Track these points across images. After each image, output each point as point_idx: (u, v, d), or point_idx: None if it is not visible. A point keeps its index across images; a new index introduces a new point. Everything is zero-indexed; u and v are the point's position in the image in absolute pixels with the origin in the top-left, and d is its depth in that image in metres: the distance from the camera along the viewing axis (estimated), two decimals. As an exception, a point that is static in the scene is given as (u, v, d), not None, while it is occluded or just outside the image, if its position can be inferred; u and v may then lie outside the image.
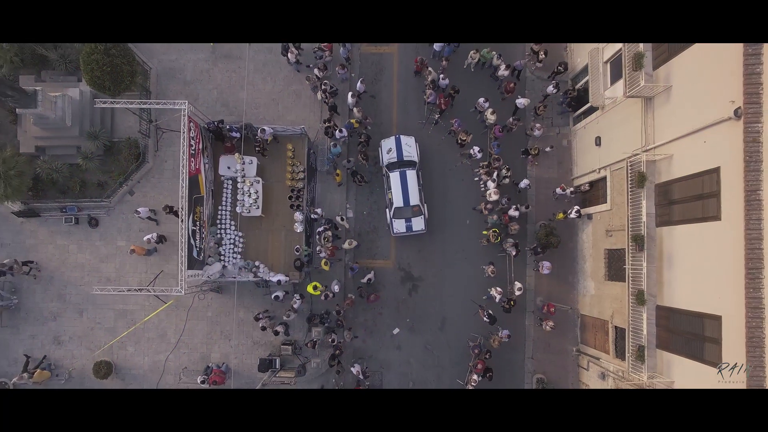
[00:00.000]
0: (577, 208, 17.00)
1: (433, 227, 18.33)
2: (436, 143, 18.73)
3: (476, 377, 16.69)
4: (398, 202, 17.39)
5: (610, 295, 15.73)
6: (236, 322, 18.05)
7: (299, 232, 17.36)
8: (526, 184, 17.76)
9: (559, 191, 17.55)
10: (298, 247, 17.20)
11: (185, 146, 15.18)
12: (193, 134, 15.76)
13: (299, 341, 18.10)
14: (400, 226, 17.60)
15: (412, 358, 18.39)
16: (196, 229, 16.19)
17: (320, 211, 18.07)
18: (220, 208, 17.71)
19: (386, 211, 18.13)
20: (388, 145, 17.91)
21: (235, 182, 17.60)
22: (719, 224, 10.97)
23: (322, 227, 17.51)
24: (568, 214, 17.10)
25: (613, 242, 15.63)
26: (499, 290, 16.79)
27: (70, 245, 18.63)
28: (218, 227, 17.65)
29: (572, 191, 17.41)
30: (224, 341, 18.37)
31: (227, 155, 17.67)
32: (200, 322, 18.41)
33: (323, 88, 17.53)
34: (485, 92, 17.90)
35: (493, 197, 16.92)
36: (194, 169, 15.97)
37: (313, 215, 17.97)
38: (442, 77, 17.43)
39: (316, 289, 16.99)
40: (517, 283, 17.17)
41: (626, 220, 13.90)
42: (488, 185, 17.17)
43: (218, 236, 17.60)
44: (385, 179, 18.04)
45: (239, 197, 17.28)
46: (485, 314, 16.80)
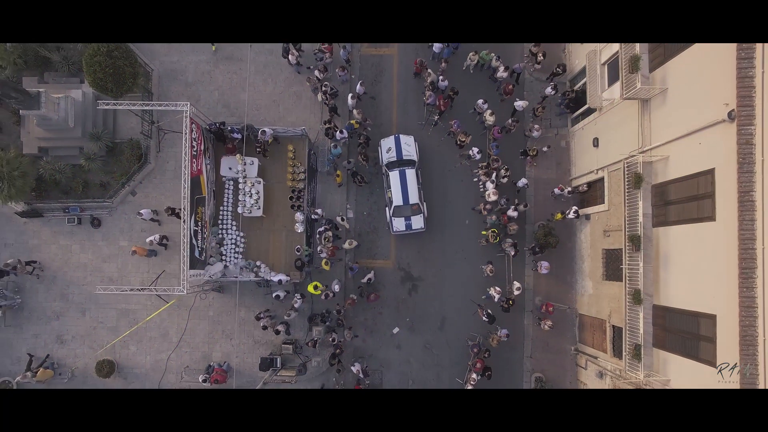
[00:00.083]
0: (575, 208, 17.17)
1: (432, 227, 18.50)
2: (435, 144, 18.89)
3: (475, 376, 16.85)
4: (398, 200, 17.55)
5: (607, 294, 15.88)
6: (237, 321, 18.21)
7: (300, 232, 17.54)
8: (524, 183, 17.92)
9: (557, 191, 17.73)
10: (298, 247, 17.37)
11: (187, 147, 15.34)
12: (194, 135, 15.92)
13: (300, 340, 18.26)
14: (399, 224, 17.77)
15: (411, 357, 18.56)
16: (198, 229, 16.36)
17: (320, 211, 18.24)
18: (221, 208, 17.88)
19: (386, 209, 18.29)
20: (387, 144, 18.07)
21: (236, 183, 17.76)
22: (714, 225, 11.13)
23: (322, 227, 17.69)
24: (566, 214, 17.27)
25: (610, 242, 15.79)
26: (498, 290, 16.95)
27: (72, 245, 18.81)
28: (220, 227, 17.82)
29: (569, 191, 17.58)
30: (226, 340, 18.54)
31: (228, 156, 17.83)
32: (202, 321, 18.58)
33: (323, 89, 17.68)
34: (484, 94, 18.08)
35: (492, 198, 17.09)
36: (196, 170, 16.13)
37: (313, 216, 18.14)
38: (441, 79, 17.60)
39: (316, 288, 17.15)
40: (515, 282, 17.34)
41: (623, 220, 14.04)
42: (487, 186, 17.34)
43: (220, 236, 17.77)
44: (384, 178, 18.20)
45: (240, 198, 17.45)
46: (484, 314, 16.96)
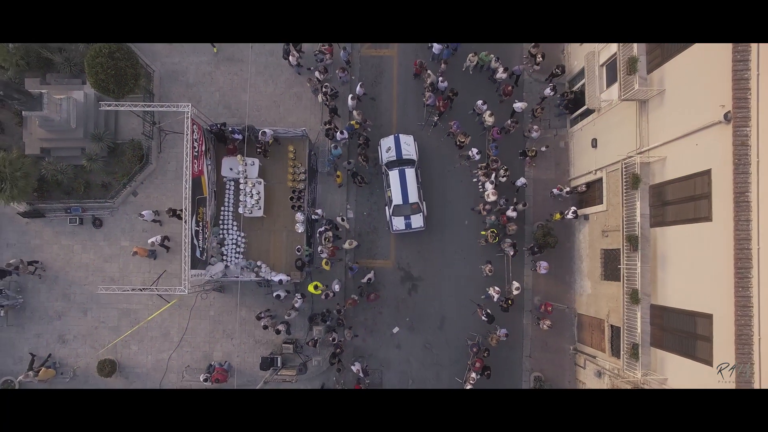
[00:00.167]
0: (573, 208, 17.28)
1: (432, 228, 18.61)
2: (435, 145, 18.99)
3: (475, 375, 16.95)
4: (397, 199, 17.66)
5: (606, 294, 15.99)
6: (238, 321, 18.31)
7: (300, 232, 17.65)
8: (522, 182, 18.02)
9: (555, 191, 17.85)
10: (299, 247, 17.48)
11: (188, 148, 15.45)
12: (196, 136, 16.03)
13: (300, 340, 18.36)
14: (399, 223, 17.88)
15: (411, 356, 18.66)
16: (199, 229, 16.47)
17: (321, 211, 18.35)
18: (222, 208, 18.00)
19: (385, 209, 18.40)
20: (387, 143, 18.17)
21: (237, 183, 17.88)
22: (711, 225, 11.25)
23: (322, 227, 17.80)
24: (565, 214, 17.38)
25: (609, 242, 15.90)
26: (497, 290, 17.06)
27: (74, 245, 18.91)
28: (221, 228, 17.94)
29: (568, 191, 17.70)
30: (226, 340, 18.64)
31: (229, 157, 17.95)
32: (203, 321, 18.69)
33: (324, 90, 17.79)
34: (483, 95, 18.20)
35: (491, 198, 17.20)
36: (197, 170, 16.24)
37: (313, 216, 18.25)
38: (441, 80, 17.70)
39: (317, 288, 17.26)
40: (515, 282, 17.44)
41: (621, 220, 14.16)
42: (486, 186, 17.45)
43: (221, 236, 17.89)
44: (384, 177, 18.30)
45: (241, 198, 17.57)
46: (484, 313, 17.07)
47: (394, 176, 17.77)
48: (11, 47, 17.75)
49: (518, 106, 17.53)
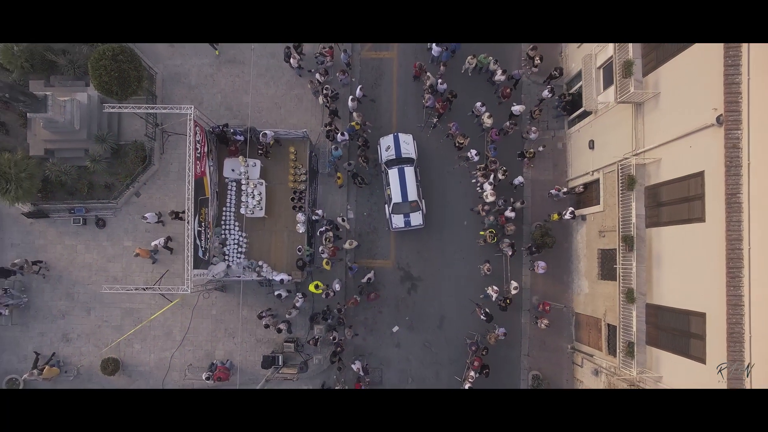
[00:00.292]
0: (571, 209, 17.47)
1: (431, 228, 18.82)
2: (434, 146, 19.21)
3: (473, 374, 17.17)
4: (397, 197, 17.87)
5: (603, 293, 16.21)
6: (240, 320, 18.53)
7: (301, 232, 17.89)
8: (520, 180, 18.23)
9: (553, 192, 18.06)
10: (300, 247, 17.71)
11: (191, 150, 15.67)
12: (198, 138, 16.25)
13: (301, 339, 18.59)
14: (398, 221, 18.09)
15: (411, 355, 18.88)
16: (201, 229, 16.71)
17: (321, 212, 18.57)
18: (224, 209, 18.23)
19: (385, 207, 18.62)
20: (386, 142, 18.37)
21: (239, 184, 18.10)
22: (704, 225, 11.47)
23: (323, 228, 18.03)
24: (562, 215, 17.59)
25: (605, 242, 16.11)
26: (495, 289, 17.26)
27: (78, 245, 19.13)
28: (223, 228, 18.17)
29: (564, 192, 17.92)
30: (228, 339, 18.87)
31: (231, 158, 18.17)
32: (205, 320, 18.91)
33: (324, 92, 18.00)
34: (482, 97, 18.41)
35: (489, 199, 17.42)
36: (200, 171, 16.47)
37: (314, 216, 18.47)
38: (440, 82, 17.92)
39: (317, 287, 17.48)
40: (513, 282, 17.66)
41: (617, 221, 14.38)
42: (485, 187, 17.66)
43: (223, 237, 18.11)
44: (383, 176, 18.48)
45: (243, 199, 17.80)
46: (482, 312, 17.28)
47: (393, 175, 17.98)
48: (16, 50, 17.97)
49: (516, 109, 17.75)
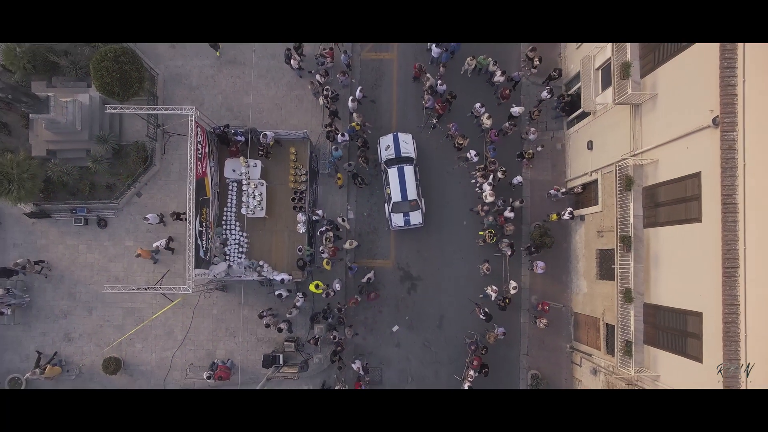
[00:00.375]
0: (570, 209, 17.60)
1: (431, 228, 18.94)
2: (434, 147, 19.32)
3: (473, 373, 17.29)
4: (396, 196, 17.98)
5: (601, 293, 16.32)
6: (241, 319, 18.64)
7: (302, 232, 18.01)
8: (519, 180, 18.36)
9: (552, 192, 18.18)
10: (300, 247, 17.82)
11: (192, 150, 15.78)
12: (199, 138, 16.36)
13: (302, 338, 18.70)
14: (398, 220, 18.20)
15: (411, 354, 18.99)
16: (202, 229, 16.82)
17: (321, 212, 18.68)
18: (225, 209, 18.35)
19: (385, 206, 18.73)
20: (386, 142, 18.48)
21: (240, 185, 18.22)
22: (701, 226, 11.58)
23: (323, 228, 18.14)
24: (561, 215, 17.71)
25: (604, 243, 16.22)
26: (494, 289, 17.37)
27: (79, 245, 19.24)
28: (224, 228, 18.28)
29: (563, 192, 18.04)
30: (229, 338, 18.98)
31: (232, 158, 18.29)
32: (206, 319, 19.03)
33: (325, 93, 18.12)
34: (482, 98, 18.52)
35: (488, 199, 17.54)
36: (201, 172, 16.58)
37: (314, 217, 18.58)
38: (439, 83, 18.04)
39: (318, 287, 17.59)
40: (512, 282, 17.77)
41: (615, 221, 14.49)
42: (484, 187, 17.77)
43: (224, 237, 18.23)
44: (383, 175, 18.59)
45: (244, 199, 17.92)
46: (482, 312, 17.39)
47: (393, 174, 18.09)
48: (18, 51, 18.08)
49: (516, 110, 17.86)
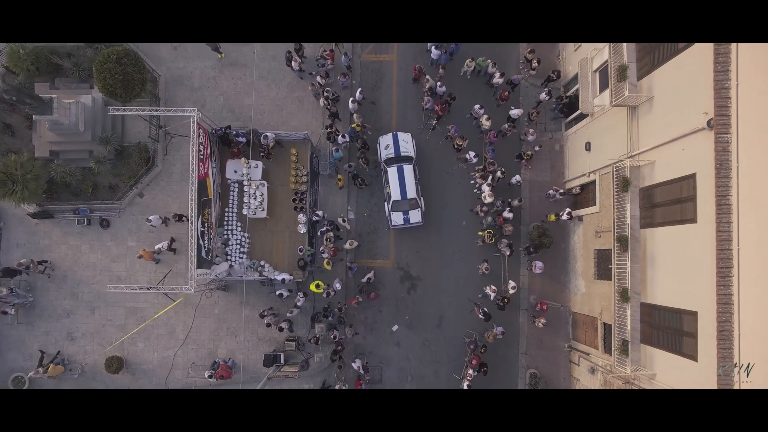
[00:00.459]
0: (568, 210, 17.77)
1: (430, 228, 19.11)
2: (433, 148, 19.49)
3: (472, 372, 17.45)
4: (396, 195, 18.15)
5: (599, 293, 16.49)
6: (242, 319, 18.80)
7: (302, 233, 18.19)
8: (517, 179, 18.53)
9: (551, 193, 18.35)
10: (301, 247, 17.99)
11: (194, 151, 15.95)
12: (201, 140, 16.54)
13: (302, 337, 18.87)
14: (398, 218, 18.37)
15: (410, 353, 19.16)
16: (204, 230, 16.98)
17: (322, 212, 18.85)
18: (227, 210, 18.52)
19: (384, 204, 18.90)
20: (385, 141, 18.65)
21: (241, 185, 18.40)
22: (695, 226, 11.74)
23: (324, 228, 18.31)
24: (559, 216, 17.88)
25: (601, 243, 16.39)
26: (493, 288, 17.54)
27: (82, 245, 19.40)
28: (225, 228, 18.46)
29: (562, 193, 18.21)
30: (231, 337, 19.15)
31: (234, 159, 18.47)
32: (207, 319, 19.19)
33: (325, 95, 18.29)
34: (481, 99, 18.69)
35: (488, 200, 17.70)
36: (203, 173, 16.75)
37: (314, 217, 18.75)
38: (439, 84, 18.21)
39: (318, 287, 17.76)
40: (511, 281, 17.92)
41: (612, 222, 14.65)
42: (483, 188, 17.94)
43: (225, 237, 18.40)
44: (383, 174, 18.75)
45: (245, 200, 18.10)
46: (481, 312, 17.54)
47: (392, 173, 18.26)
48: (22, 53, 18.25)
49: (514, 113, 18.02)
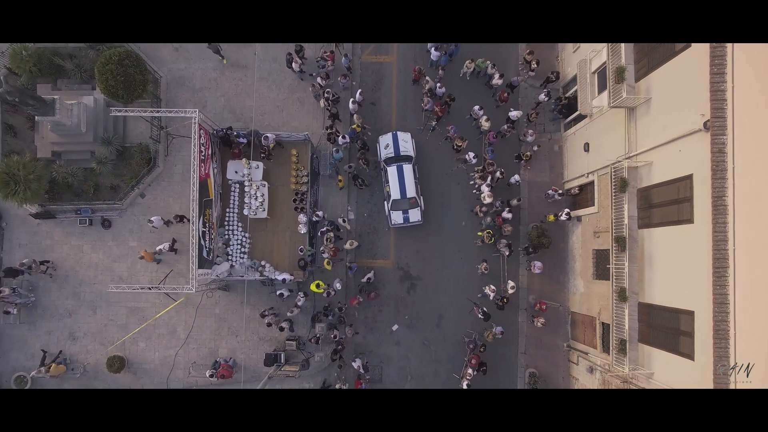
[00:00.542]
0: (567, 210, 17.88)
1: (430, 228, 19.22)
2: (433, 149, 19.60)
3: (471, 371, 17.56)
4: (396, 194, 18.26)
5: (597, 293, 16.61)
6: (243, 318, 18.90)
7: (303, 233, 18.30)
8: (516, 179, 18.63)
9: (550, 193, 18.47)
10: (302, 247, 18.11)
11: (195, 152, 16.06)
12: (202, 141, 16.65)
13: (303, 337, 18.98)
14: (397, 217, 18.49)
15: (410, 353, 19.27)
16: (205, 230, 17.10)
17: (322, 213, 18.95)
18: (227, 210, 18.64)
19: (384, 204, 19.02)
20: (385, 140, 18.76)
21: (242, 186, 18.52)
22: (692, 227, 11.86)
23: (324, 228, 18.43)
24: (558, 216, 17.99)
25: (600, 243, 16.50)
26: (493, 288, 17.66)
27: (84, 245, 19.51)
28: (226, 229, 18.58)
29: (560, 193, 18.32)
30: (231, 337, 19.26)
31: (234, 160, 18.59)
32: (208, 318, 19.30)
33: (326, 96, 18.40)
34: (480, 100, 18.79)
35: (487, 200, 17.82)
36: (204, 173, 16.87)
37: (315, 217, 18.86)
38: (438, 86, 18.32)
39: (319, 287, 17.88)
40: (510, 281, 18.00)
41: (611, 222, 14.77)
42: (483, 189, 18.05)
43: (226, 237, 18.52)
44: (383, 173, 18.86)
45: (246, 200, 18.21)
46: (480, 311, 17.65)
47: (392, 172, 18.37)
48: (24, 54, 18.36)
49: (513, 114, 18.12)
